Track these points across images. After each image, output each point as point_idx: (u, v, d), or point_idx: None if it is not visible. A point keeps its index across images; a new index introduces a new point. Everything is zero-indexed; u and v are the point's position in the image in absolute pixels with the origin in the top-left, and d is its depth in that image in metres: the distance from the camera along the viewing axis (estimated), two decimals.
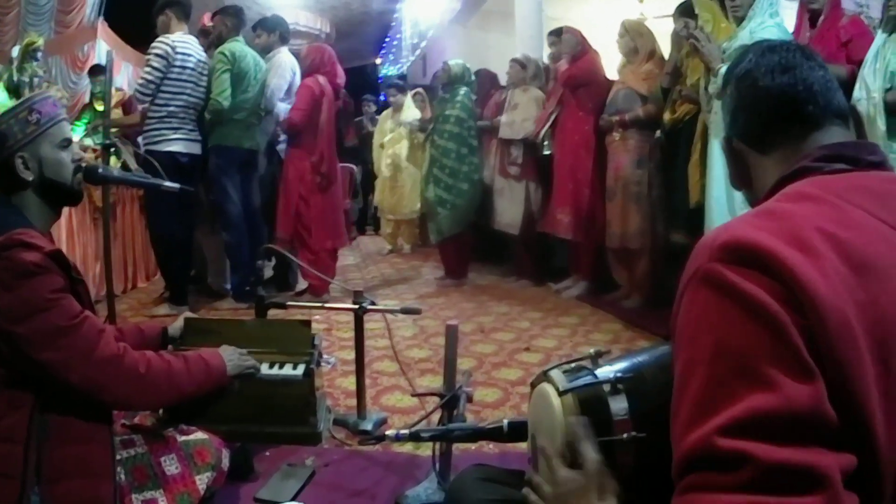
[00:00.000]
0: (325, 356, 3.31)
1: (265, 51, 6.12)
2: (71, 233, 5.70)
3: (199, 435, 2.44)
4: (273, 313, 3.34)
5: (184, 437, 2.39)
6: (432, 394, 2.53)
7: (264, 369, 2.99)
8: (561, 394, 1.35)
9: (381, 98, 10.25)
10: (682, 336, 1.04)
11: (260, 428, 2.92)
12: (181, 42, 5.48)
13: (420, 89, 8.05)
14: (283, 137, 6.11)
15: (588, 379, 1.36)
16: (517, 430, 1.66)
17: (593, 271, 5.92)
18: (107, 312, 3.78)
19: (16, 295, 2.08)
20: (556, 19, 8.07)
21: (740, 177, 1.37)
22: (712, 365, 0.96)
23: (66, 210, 5.32)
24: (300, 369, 2.98)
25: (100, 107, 7.39)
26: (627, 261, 5.49)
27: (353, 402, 3.26)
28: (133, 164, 5.42)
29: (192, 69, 5.52)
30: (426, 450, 2.64)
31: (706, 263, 1.00)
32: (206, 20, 6.32)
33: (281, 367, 3.03)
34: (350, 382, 3.22)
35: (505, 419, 1.71)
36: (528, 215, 6.26)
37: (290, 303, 3.36)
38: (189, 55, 5.50)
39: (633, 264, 5.44)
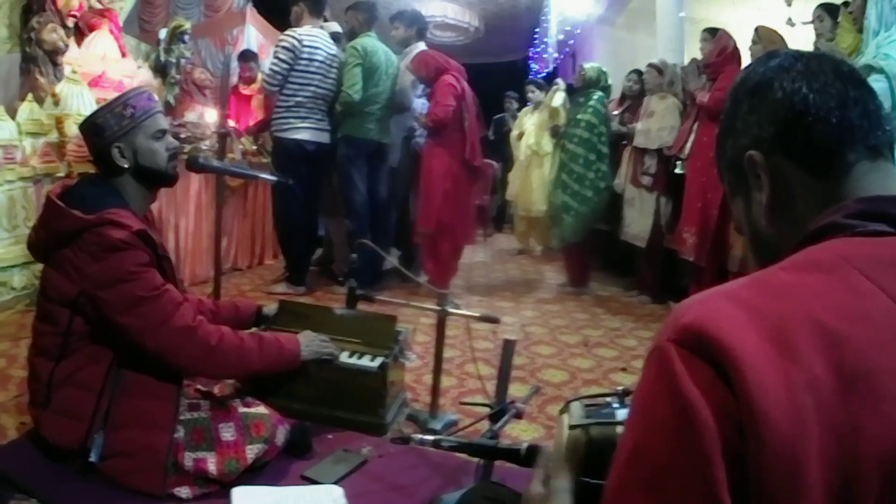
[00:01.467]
0: (407, 353, 3.35)
1: (401, 44, 6.22)
2: (199, 208, 5.99)
3: (261, 409, 2.61)
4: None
5: (245, 409, 2.56)
6: (481, 404, 2.55)
7: (344, 357, 3.12)
8: (571, 427, 1.34)
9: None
10: (627, 416, 0.94)
11: (330, 411, 3.05)
12: (308, 36, 5.68)
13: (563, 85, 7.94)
14: (419, 132, 6.15)
15: (605, 417, 1.33)
16: (535, 456, 1.65)
17: None
18: (214, 286, 3.94)
19: (103, 265, 2.34)
20: (698, 21, 7.81)
21: (776, 208, 1.05)
22: (626, 468, 0.87)
23: (195, 187, 5.71)
24: (377, 362, 3.09)
25: (246, 91, 7.70)
26: None
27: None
28: (238, 156, 5.65)
29: (321, 62, 5.70)
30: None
31: (664, 340, 0.85)
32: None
33: (360, 357, 3.15)
34: (441, 380, 3.24)
35: (525, 442, 1.70)
36: (656, 228, 6.07)
37: (378, 297, 3.42)
38: (317, 48, 5.69)
39: None
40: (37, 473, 2.46)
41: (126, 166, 2.56)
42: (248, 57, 7.97)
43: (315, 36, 5.74)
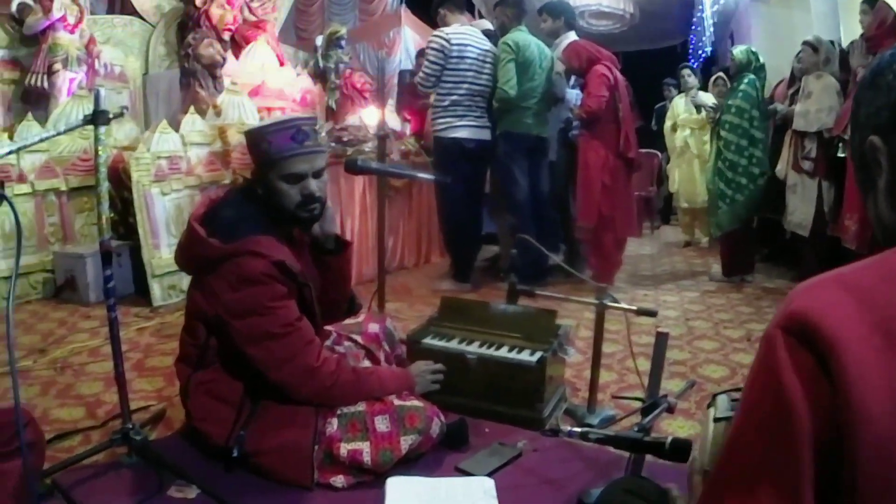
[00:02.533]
0: (567, 347, 3.36)
1: (551, 35, 6.21)
2: (364, 208, 6.16)
3: (415, 402, 2.65)
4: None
5: (400, 402, 2.61)
6: (634, 398, 2.57)
7: (503, 352, 3.17)
8: (716, 420, 1.35)
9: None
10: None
11: (488, 405, 3.10)
12: (456, 34, 5.74)
13: (721, 73, 7.71)
14: (576, 124, 6.08)
15: None
16: (679, 449, 1.66)
17: None
18: (378, 285, 4.05)
19: (239, 296, 2.40)
20: None
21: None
22: (725, 456, 0.88)
23: (359, 188, 5.89)
24: (536, 356, 3.10)
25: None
26: None
27: (598, 394, 3.27)
28: (397, 156, 5.78)
29: (473, 59, 5.74)
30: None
31: (773, 327, 0.84)
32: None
33: (520, 351, 3.18)
34: (599, 375, 3.23)
35: (671, 436, 1.72)
36: (819, 216, 5.78)
37: (538, 292, 3.45)
38: (467, 45, 5.73)
39: None
40: (197, 463, 2.64)
41: (260, 193, 2.61)
42: (423, 54, 8.14)
43: (464, 33, 5.80)
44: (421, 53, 8.05)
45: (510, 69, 5.66)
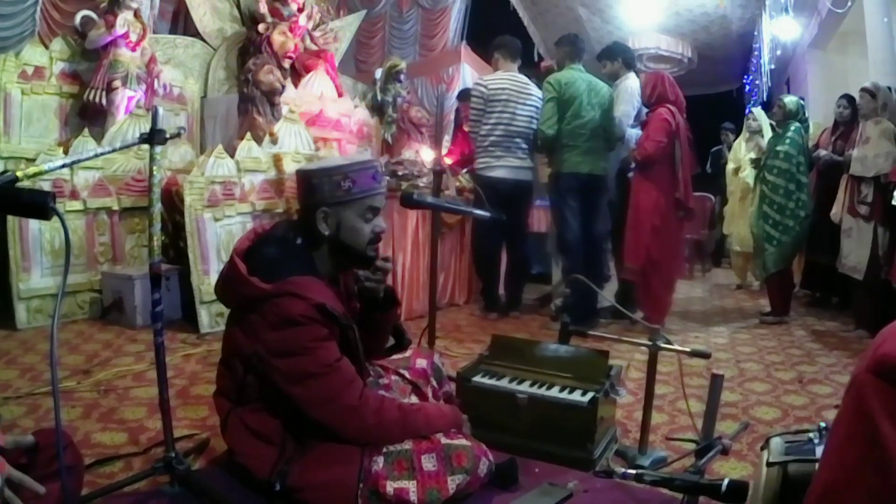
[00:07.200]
0: (619, 388, 3.35)
1: (611, 78, 6.26)
2: (416, 244, 6.19)
3: (463, 441, 2.61)
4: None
5: (448, 441, 2.57)
6: (688, 440, 2.55)
7: (554, 392, 3.15)
8: (769, 464, 1.35)
9: None
10: (823, 452, 0.92)
11: (539, 445, 3.08)
12: (493, 80, 6.14)
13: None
14: (632, 165, 6.06)
15: (804, 454, 1.33)
16: (736, 492, 1.65)
17: None
18: (429, 321, 4.05)
19: (280, 336, 2.40)
20: None
21: None
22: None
23: (412, 223, 5.98)
24: (587, 397, 3.09)
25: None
26: None
27: (649, 436, 3.24)
28: (453, 192, 5.92)
29: (509, 102, 6.02)
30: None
31: (862, 371, 0.84)
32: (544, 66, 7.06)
33: (571, 392, 3.16)
34: (651, 416, 3.21)
35: (728, 478, 1.71)
36: (874, 260, 5.72)
37: (591, 332, 3.45)
38: (503, 89, 6.05)
39: None
40: (240, 495, 2.60)
41: (326, 234, 2.59)
42: (466, 96, 8.16)
43: (501, 79, 6.14)
44: (463, 94, 8.12)
45: (549, 108, 5.83)
